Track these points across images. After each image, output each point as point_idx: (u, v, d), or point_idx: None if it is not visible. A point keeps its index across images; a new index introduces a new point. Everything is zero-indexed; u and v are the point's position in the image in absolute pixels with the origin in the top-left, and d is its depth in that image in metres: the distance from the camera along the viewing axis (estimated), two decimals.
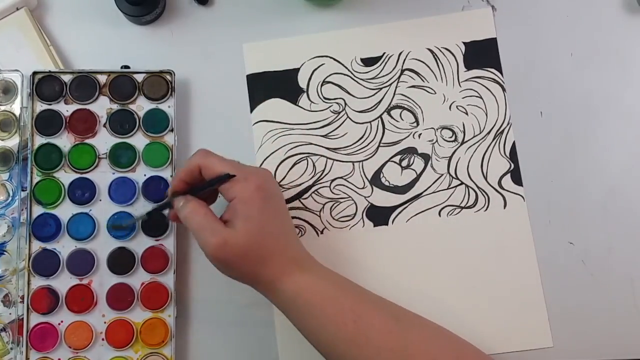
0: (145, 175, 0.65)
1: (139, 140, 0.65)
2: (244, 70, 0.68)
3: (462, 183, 0.67)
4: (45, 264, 0.64)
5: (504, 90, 0.68)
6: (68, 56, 0.68)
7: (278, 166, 0.67)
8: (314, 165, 0.67)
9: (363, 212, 0.67)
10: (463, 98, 0.68)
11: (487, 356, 0.56)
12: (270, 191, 0.57)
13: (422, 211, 0.67)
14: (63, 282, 0.64)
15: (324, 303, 0.55)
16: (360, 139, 0.67)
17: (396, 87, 0.68)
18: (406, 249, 0.66)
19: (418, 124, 0.68)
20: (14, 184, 0.65)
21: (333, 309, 0.55)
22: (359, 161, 0.67)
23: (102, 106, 0.66)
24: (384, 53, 0.68)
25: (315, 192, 0.67)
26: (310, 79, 0.68)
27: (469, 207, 0.67)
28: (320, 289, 0.56)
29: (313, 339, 0.57)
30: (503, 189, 0.67)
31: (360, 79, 0.68)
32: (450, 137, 0.67)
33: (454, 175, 0.67)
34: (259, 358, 0.65)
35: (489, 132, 0.67)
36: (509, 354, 0.65)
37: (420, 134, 0.68)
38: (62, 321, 0.63)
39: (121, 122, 0.65)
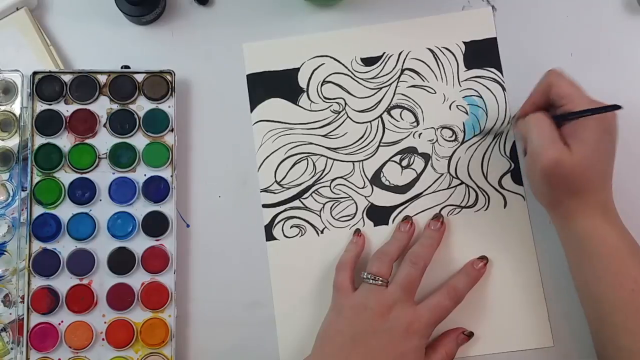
0: (145, 175, 0.65)
1: (139, 140, 0.65)
2: (244, 70, 0.68)
3: (462, 183, 0.67)
4: (45, 264, 0.63)
5: (504, 89, 0.68)
6: (68, 56, 0.68)
7: (278, 166, 0.67)
8: (314, 165, 0.67)
9: (363, 211, 0.67)
10: (463, 97, 0.68)
11: None
12: (610, 130, 0.58)
13: (423, 211, 0.67)
14: (63, 282, 0.64)
15: (610, 259, 0.57)
16: (361, 138, 0.67)
17: (396, 87, 0.68)
18: (408, 246, 0.66)
19: (418, 124, 0.68)
20: (14, 184, 0.65)
21: (616, 268, 0.56)
22: (359, 161, 0.67)
23: (102, 106, 0.66)
24: (384, 53, 0.68)
25: (316, 192, 0.67)
26: (310, 78, 0.68)
27: (469, 207, 0.67)
28: (613, 243, 0.57)
29: (581, 283, 0.59)
30: (503, 188, 0.67)
31: (361, 79, 0.68)
32: (451, 137, 0.67)
33: (454, 175, 0.67)
34: (259, 358, 0.65)
35: (489, 132, 0.67)
36: (509, 354, 0.65)
37: (420, 134, 0.68)
38: (62, 321, 0.63)
39: (121, 122, 0.65)
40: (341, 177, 0.67)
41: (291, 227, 0.66)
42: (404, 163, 0.67)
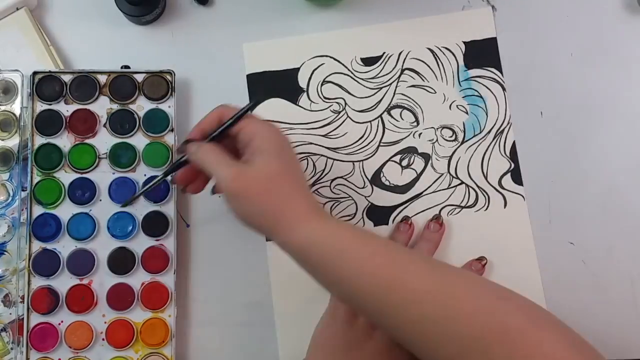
0: (145, 175, 0.65)
1: (139, 140, 0.65)
2: (244, 70, 0.68)
3: (462, 182, 0.67)
4: (45, 264, 0.63)
5: (504, 89, 0.68)
6: (68, 56, 0.68)
7: None
8: (314, 164, 0.67)
9: (363, 211, 0.67)
10: (463, 97, 0.68)
11: (524, 298, 0.51)
12: (286, 137, 0.56)
13: (423, 211, 0.67)
14: (63, 282, 0.64)
15: (353, 247, 0.51)
16: (361, 138, 0.67)
17: (396, 87, 0.68)
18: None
19: (418, 124, 0.68)
20: (14, 184, 0.65)
21: (365, 254, 0.51)
22: (359, 161, 0.67)
23: (102, 106, 0.66)
24: (384, 53, 0.68)
25: (316, 192, 0.67)
26: (310, 78, 0.68)
27: (469, 207, 0.67)
28: (350, 234, 0.52)
29: (336, 289, 0.54)
30: (503, 188, 0.67)
31: (361, 79, 0.68)
32: (451, 137, 0.67)
33: (454, 175, 0.67)
34: (259, 358, 0.65)
35: (489, 132, 0.67)
36: None
37: (420, 134, 0.68)
38: (62, 321, 0.63)
39: (121, 122, 0.65)
40: (341, 177, 0.67)
41: None
42: (404, 163, 0.67)
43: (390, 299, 0.50)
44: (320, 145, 0.67)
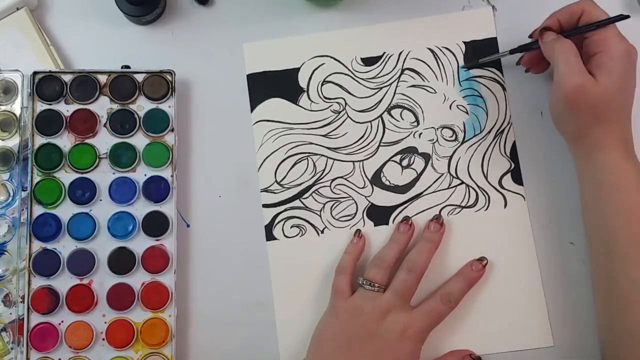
0: (145, 175, 0.65)
1: (139, 140, 0.65)
2: (244, 70, 0.68)
3: (462, 182, 0.67)
4: (45, 264, 0.63)
5: (504, 89, 0.68)
6: (68, 56, 0.68)
7: (278, 166, 0.67)
8: (314, 164, 0.67)
9: (363, 211, 0.67)
10: (463, 97, 0.68)
11: None
12: (633, 66, 0.59)
13: (423, 211, 0.67)
14: (63, 282, 0.64)
15: (628, 194, 0.57)
16: (361, 138, 0.67)
17: (396, 87, 0.68)
18: (407, 248, 0.65)
19: (418, 124, 0.68)
20: (15, 184, 0.65)
21: (634, 204, 0.57)
22: (360, 161, 0.67)
23: (103, 106, 0.66)
24: (384, 53, 0.68)
25: (316, 192, 0.67)
26: (310, 78, 0.68)
27: (469, 207, 0.67)
28: (633, 179, 0.58)
29: (595, 217, 0.59)
30: (503, 188, 0.67)
31: (361, 79, 0.68)
32: (451, 137, 0.67)
33: (454, 175, 0.67)
34: (259, 358, 0.65)
35: (489, 132, 0.67)
36: (509, 354, 0.65)
37: (420, 134, 0.68)
38: (62, 321, 0.63)
39: (121, 122, 0.65)
40: (341, 177, 0.67)
41: (291, 227, 0.66)
42: (404, 163, 0.67)
43: (630, 252, 0.56)
44: (320, 145, 0.67)
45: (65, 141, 0.65)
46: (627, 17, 0.59)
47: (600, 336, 0.61)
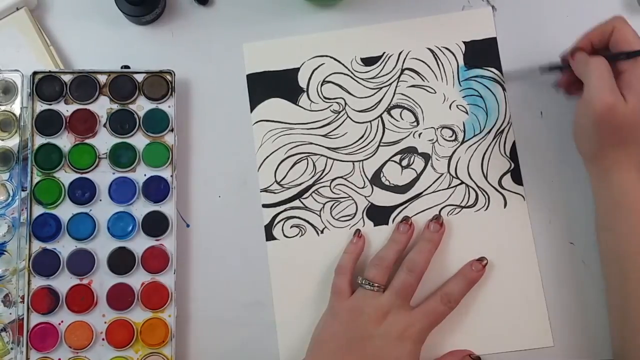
0: (145, 175, 0.65)
1: (139, 140, 0.65)
2: (244, 70, 0.68)
3: (462, 182, 0.67)
4: (45, 264, 0.63)
5: (504, 89, 0.68)
6: (68, 56, 0.68)
7: (278, 166, 0.67)
8: (314, 164, 0.67)
9: (363, 211, 0.67)
10: (463, 97, 0.68)
11: None
12: None
13: (423, 211, 0.67)
14: (63, 282, 0.64)
15: None
16: (361, 138, 0.67)
17: (396, 87, 0.68)
18: (407, 248, 0.66)
19: (418, 124, 0.68)
20: (14, 184, 0.65)
21: None
22: (359, 161, 0.67)
23: (102, 106, 0.66)
24: (384, 53, 0.68)
25: (316, 192, 0.67)
26: (310, 78, 0.68)
27: (469, 207, 0.67)
28: None
29: (609, 240, 0.60)
30: (503, 188, 0.67)
31: (361, 79, 0.68)
32: (451, 137, 0.67)
33: (454, 175, 0.67)
34: (259, 358, 0.65)
35: (489, 132, 0.67)
36: (509, 354, 0.65)
37: (420, 134, 0.68)
38: (62, 321, 0.63)
39: (121, 122, 0.65)
40: (341, 177, 0.67)
41: (291, 227, 0.66)
42: (404, 163, 0.67)
43: None
44: (320, 145, 0.67)
45: (65, 141, 0.65)
46: None
47: (613, 357, 0.61)
